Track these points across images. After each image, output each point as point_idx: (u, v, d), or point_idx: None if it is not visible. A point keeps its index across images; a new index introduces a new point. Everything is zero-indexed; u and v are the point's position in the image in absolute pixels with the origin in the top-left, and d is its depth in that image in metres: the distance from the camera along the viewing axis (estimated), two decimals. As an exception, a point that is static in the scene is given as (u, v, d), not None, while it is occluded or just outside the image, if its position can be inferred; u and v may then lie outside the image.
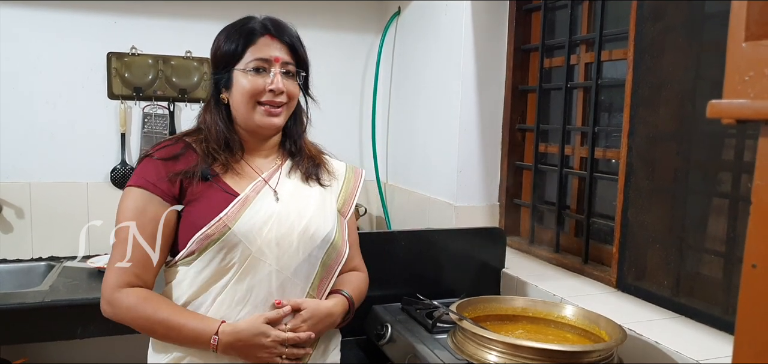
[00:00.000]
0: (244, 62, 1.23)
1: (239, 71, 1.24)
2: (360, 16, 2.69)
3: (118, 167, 2.42)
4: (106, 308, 1.20)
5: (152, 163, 1.23)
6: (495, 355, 1.21)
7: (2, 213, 2.30)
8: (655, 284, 1.50)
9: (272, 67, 1.24)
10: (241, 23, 1.27)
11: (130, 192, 1.21)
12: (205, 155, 1.24)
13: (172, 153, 1.24)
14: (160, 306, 1.18)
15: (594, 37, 1.75)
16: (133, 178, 1.22)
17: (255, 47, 1.24)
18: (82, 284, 2.01)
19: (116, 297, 1.18)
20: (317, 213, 1.28)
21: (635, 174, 1.53)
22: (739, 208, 1.32)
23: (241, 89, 1.23)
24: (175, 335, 1.17)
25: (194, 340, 1.17)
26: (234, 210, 1.20)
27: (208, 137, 1.26)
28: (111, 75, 2.39)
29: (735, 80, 0.50)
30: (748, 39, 0.50)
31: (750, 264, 0.52)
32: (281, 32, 1.26)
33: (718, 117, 0.52)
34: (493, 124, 2.15)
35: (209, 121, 1.28)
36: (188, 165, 1.22)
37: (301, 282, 1.24)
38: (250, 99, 1.23)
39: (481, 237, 1.81)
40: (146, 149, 1.29)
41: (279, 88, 1.23)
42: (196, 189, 1.21)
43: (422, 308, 1.58)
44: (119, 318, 1.19)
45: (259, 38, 1.24)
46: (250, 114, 1.24)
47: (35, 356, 2.32)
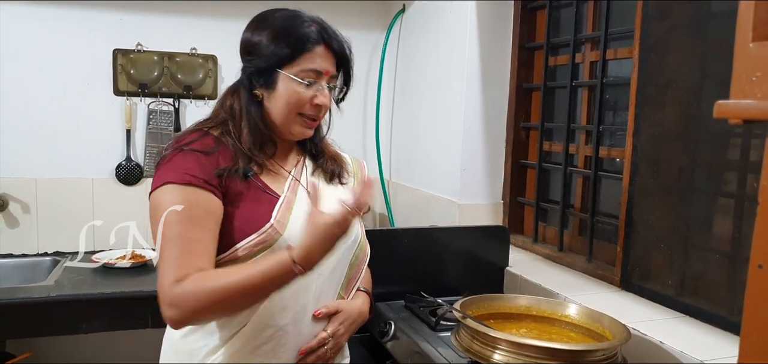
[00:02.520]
0: (294, 69, 1.14)
1: (287, 77, 1.14)
2: (364, 14, 2.69)
3: (123, 163, 2.43)
4: (169, 312, 1.03)
5: (192, 156, 1.11)
6: (498, 353, 1.21)
7: (8, 208, 2.31)
8: (659, 284, 1.50)
9: (322, 80, 1.16)
10: (294, 23, 1.16)
11: (170, 190, 1.08)
12: (240, 152, 1.15)
13: (208, 146, 1.14)
14: (221, 274, 1.05)
15: (599, 36, 1.74)
16: (169, 174, 1.09)
17: (310, 56, 1.14)
18: (87, 279, 2.02)
19: (176, 292, 1.02)
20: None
21: (640, 173, 1.53)
22: (745, 208, 1.31)
23: (287, 97, 1.15)
24: (256, 288, 1.04)
25: (279, 281, 1.05)
26: (281, 213, 1.14)
27: (238, 132, 1.17)
28: (116, 71, 2.40)
29: (742, 80, 0.50)
30: (755, 39, 0.50)
31: (756, 265, 0.52)
32: (337, 44, 1.18)
33: (725, 117, 0.52)
34: (497, 122, 2.14)
35: (239, 114, 1.18)
36: (227, 161, 1.14)
37: (334, 283, 1.25)
38: (294, 109, 1.16)
39: (485, 235, 1.81)
40: (173, 142, 1.16)
41: (326, 105, 1.17)
42: (236, 187, 1.13)
43: (426, 306, 1.58)
44: (188, 311, 1.03)
45: (315, 47, 1.15)
46: (289, 123, 1.18)
47: (40, 351, 2.33)
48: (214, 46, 2.50)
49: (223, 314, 1.10)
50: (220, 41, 2.50)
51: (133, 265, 2.17)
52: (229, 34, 2.50)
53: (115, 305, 1.88)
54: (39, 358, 2.32)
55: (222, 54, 2.51)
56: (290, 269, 1.03)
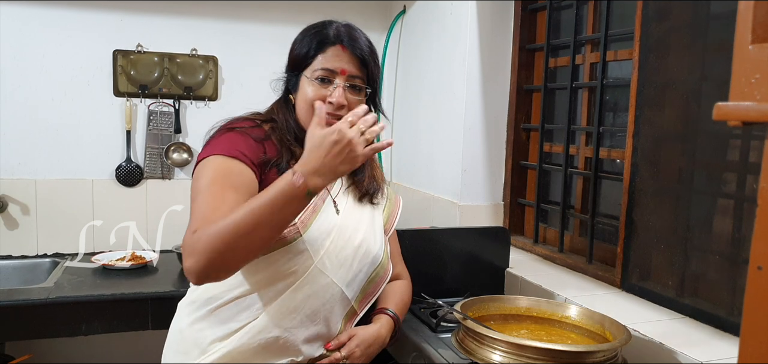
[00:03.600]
0: (311, 69, 1.20)
1: (305, 78, 1.21)
2: (365, 15, 2.69)
3: (124, 165, 2.43)
4: (187, 262, 1.01)
5: (242, 136, 1.16)
6: (499, 355, 1.21)
7: (8, 210, 2.31)
8: (659, 285, 1.50)
9: (337, 78, 1.20)
10: (317, 28, 1.24)
11: (217, 160, 1.11)
12: (285, 147, 1.20)
13: (259, 135, 1.20)
14: (230, 212, 1.02)
15: (599, 37, 1.74)
16: (219, 147, 1.12)
17: (324, 56, 1.20)
18: (87, 281, 2.02)
19: (192, 239, 1.01)
20: (369, 230, 1.28)
21: (640, 174, 1.53)
22: (745, 209, 1.31)
23: (304, 96, 1.21)
24: (265, 214, 1.00)
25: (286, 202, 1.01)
26: (306, 216, 1.17)
27: (284, 131, 1.22)
28: (117, 72, 2.40)
29: (741, 82, 0.50)
30: (754, 42, 0.50)
31: (756, 266, 0.52)
32: (353, 44, 1.21)
33: (724, 119, 0.52)
34: (497, 123, 2.15)
35: (282, 117, 1.25)
36: (272, 153, 1.18)
37: (349, 295, 1.25)
38: (312, 107, 1.17)
39: (486, 236, 1.81)
40: (226, 122, 1.21)
41: (339, 102, 1.18)
42: (272, 179, 1.11)
43: (426, 307, 1.58)
44: (203, 254, 0.99)
45: (330, 47, 1.20)
46: (309, 122, 1.19)
47: (40, 353, 2.33)
48: (215, 47, 2.51)
49: (240, 252, 1.02)
50: (220, 42, 2.51)
51: (132, 266, 2.17)
52: (229, 35, 2.53)
53: (115, 307, 1.88)
54: (39, 360, 2.32)
55: (222, 55, 2.52)
56: (291, 183, 1.00)
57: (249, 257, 1.07)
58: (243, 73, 2.54)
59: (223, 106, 2.53)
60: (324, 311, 1.20)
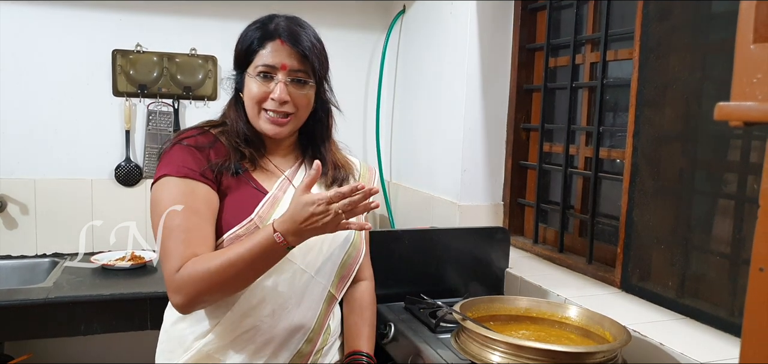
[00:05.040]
0: (254, 65, 1.21)
1: (248, 75, 1.21)
2: (365, 15, 2.68)
3: (123, 164, 2.43)
4: (175, 298, 1.10)
5: (188, 151, 1.18)
6: (498, 355, 1.21)
7: (7, 209, 2.31)
8: (659, 285, 1.49)
9: (278, 73, 1.19)
10: (258, 23, 1.24)
11: (169, 182, 1.15)
12: (233, 149, 1.22)
13: (204, 143, 1.22)
14: (213, 256, 1.09)
15: (599, 37, 1.74)
16: (169, 167, 1.16)
17: (265, 52, 1.20)
18: (86, 280, 2.01)
19: (177, 280, 1.09)
20: None
21: (640, 174, 1.52)
22: (745, 209, 1.31)
23: (248, 93, 1.21)
24: (247, 265, 1.07)
25: (267, 255, 1.08)
26: (264, 209, 1.19)
27: (233, 132, 1.24)
28: (116, 72, 2.39)
29: (743, 82, 0.50)
30: (756, 41, 0.49)
31: (757, 268, 0.52)
32: (294, 38, 1.20)
33: (725, 119, 0.52)
34: (497, 123, 2.14)
35: (233, 117, 1.26)
36: (220, 156, 1.20)
37: (323, 280, 1.26)
38: (256, 105, 1.21)
39: (485, 236, 1.80)
40: (174, 137, 1.24)
41: (280, 98, 1.19)
42: (228, 182, 1.19)
43: (426, 308, 1.58)
44: (191, 295, 1.08)
45: (269, 42, 1.20)
46: (256, 119, 1.23)
47: (39, 353, 2.33)
48: (214, 47, 2.50)
49: (225, 291, 1.13)
50: (219, 42, 2.50)
51: (132, 266, 2.17)
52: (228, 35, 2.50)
53: (114, 307, 1.88)
54: (38, 359, 2.32)
55: (222, 55, 2.51)
56: (272, 240, 1.05)
57: (230, 294, 1.16)
58: (242, 73, 2.54)
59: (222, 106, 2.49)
60: (295, 297, 1.21)
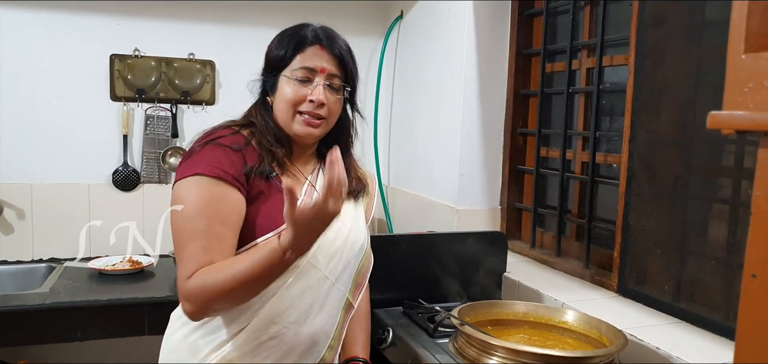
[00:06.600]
0: (290, 69, 1.21)
1: (285, 77, 1.21)
2: (363, 20, 2.69)
3: (120, 169, 2.43)
4: (185, 306, 1.09)
5: (222, 151, 1.15)
6: (496, 360, 1.21)
7: (3, 214, 2.31)
8: (656, 289, 1.50)
9: (316, 77, 1.21)
10: (294, 29, 1.25)
11: (200, 182, 1.11)
12: (266, 151, 1.20)
13: (238, 143, 1.19)
14: (222, 266, 1.07)
15: (595, 43, 1.75)
16: (200, 165, 1.12)
17: (303, 55, 1.21)
18: (83, 286, 2.01)
19: (188, 288, 1.07)
20: (353, 220, 1.30)
21: (636, 179, 1.53)
22: (740, 214, 1.32)
23: (284, 96, 1.21)
24: (256, 277, 1.05)
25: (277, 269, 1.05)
26: None
27: (264, 133, 1.22)
28: (114, 77, 2.40)
29: (735, 91, 0.51)
30: (747, 51, 0.50)
31: (750, 274, 0.52)
32: (332, 43, 1.23)
33: (718, 128, 0.52)
34: (494, 128, 2.15)
35: (261, 118, 1.24)
36: (253, 160, 1.18)
37: (342, 287, 1.28)
38: (291, 107, 1.20)
39: (483, 241, 1.81)
40: (204, 134, 1.21)
41: (320, 100, 1.19)
42: (260, 187, 1.17)
43: (424, 313, 1.58)
44: (201, 305, 1.07)
45: (308, 47, 1.21)
46: (289, 122, 1.22)
47: (35, 358, 2.32)
48: (212, 52, 2.51)
49: (235, 302, 1.12)
50: (218, 46, 2.51)
51: (129, 271, 2.16)
52: (227, 40, 2.54)
53: (112, 312, 1.88)
54: (35, 365, 2.31)
55: (220, 59, 2.52)
56: (280, 257, 1.02)
57: (242, 304, 1.15)
58: (240, 78, 2.54)
59: (220, 111, 2.52)
60: (318, 305, 1.22)
